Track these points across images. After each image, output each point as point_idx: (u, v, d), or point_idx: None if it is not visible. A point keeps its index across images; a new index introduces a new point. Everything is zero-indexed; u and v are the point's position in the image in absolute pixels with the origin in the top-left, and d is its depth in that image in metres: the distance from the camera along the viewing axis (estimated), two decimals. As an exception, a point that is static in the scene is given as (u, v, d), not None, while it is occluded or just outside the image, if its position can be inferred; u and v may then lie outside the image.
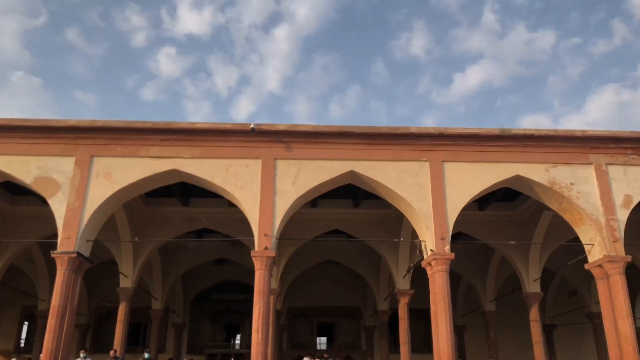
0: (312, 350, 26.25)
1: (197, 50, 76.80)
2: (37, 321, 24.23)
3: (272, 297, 17.49)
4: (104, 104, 76.69)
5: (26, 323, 29.41)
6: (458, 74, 77.09)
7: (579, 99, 75.94)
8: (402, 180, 14.14)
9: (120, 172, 13.97)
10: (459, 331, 27.13)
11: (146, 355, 16.32)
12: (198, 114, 76.48)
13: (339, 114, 78.42)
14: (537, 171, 14.43)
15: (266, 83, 79.57)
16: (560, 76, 74.45)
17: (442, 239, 13.47)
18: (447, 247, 13.45)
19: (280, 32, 75.01)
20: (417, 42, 74.90)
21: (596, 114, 71.96)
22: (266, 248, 13.34)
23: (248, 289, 27.62)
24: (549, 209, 16.25)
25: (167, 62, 76.11)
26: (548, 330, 27.33)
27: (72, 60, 73.46)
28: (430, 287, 13.70)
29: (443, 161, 14.33)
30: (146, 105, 76.54)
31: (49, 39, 71.17)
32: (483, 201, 19.06)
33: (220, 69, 78.29)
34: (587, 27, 71.28)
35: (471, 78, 76.07)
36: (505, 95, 77.56)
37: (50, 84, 75.55)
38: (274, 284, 19.17)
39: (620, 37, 69.58)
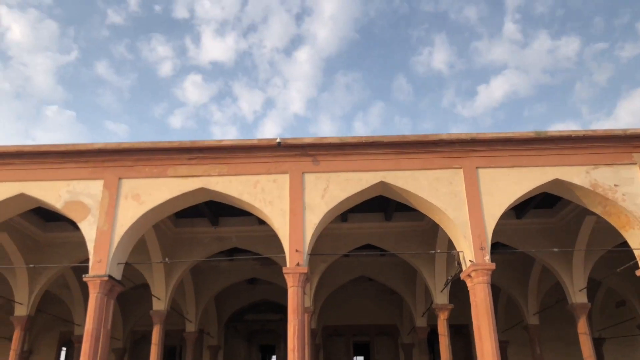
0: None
1: (222, 77, 77.97)
2: (74, 346, 24.33)
3: (306, 315, 17.07)
4: (134, 133, 78.31)
5: (64, 349, 29.64)
6: (482, 86, 76.05)
7: (608, 105, 73.75)
8: (435, 189, 13.65)
9: (148, 193, 13.89)
10: (501, 347, 25.92)
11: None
12: (225, 139, 77.28)
13: (364, 132, 78.09)
14: (577, 174, 13.72)
15: (290, 105, 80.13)
16: (587, 82, 72.55)
17: (482, 248, 12.85)
18: (487, 257, 12.82)
19: (302, 55, 75.67)
20: (438, 57, 74.30)
21: (628, 118, 69.55)
22: (298, 264, 12.98)
23: (282, 309, 27.35)
24: (592, 213, 15.48)
25: (193, 90, 77.49)
26: (597, 344, 25.94)
27: (103, 92, 75.52)
28: (471, 301, 13.05)
29: (477, 167, 13.76)
30: (175, 133, 77.76)
31: (80, 74, 73.46)
32: (520, 209, 18.33)
33: (245, 93, 79.23)
34: (612, 32, 69.37)
35: (496, 89, 74.92)
36: (531, 105, 75.99)
37: (83, 117, 77.77)
38: (308, 302, 18.72)
39: (648, 39, 67.49)
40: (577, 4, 66.04)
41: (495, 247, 18.86)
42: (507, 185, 13.62)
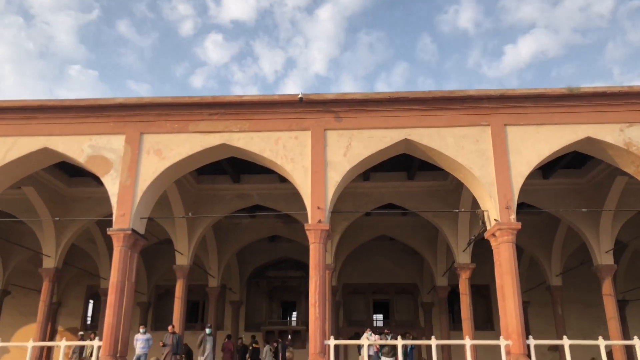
0: (369, 326, 25.87)
1: (243, 36, 77.18)
2: (101, 299, 25.04)
3: (327, 272, 17.14)
4: (156, 93, 78.47)
5: (91, 301, 30.60)
6: (509, 46, 73.70)
7: (642, 65, 71.04)
8: (461, 146, 13.28)
9: (170, 149, 13.85)
10: (522, 307, 25.93)
11: (207, 330, 16.50)
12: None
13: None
14: (610, 132, 13.19)
15: (312, 65, 79.11)
16: (620, 42, 69.82)
17: (507, 207, 12.58)
18: (513, 217, 12.56)
19: (324, 13, 74.08)
20: (465, 15, 71.98)
21: (663, 78, 67.03)
22: (319, 221, 12.91)
23: (303, 266, 27.59)
24: (623, 173, 15.01)
25: (214, 49, 76.98)
26: (620, 307, 25.64)
27: (125, 52, 75.55)
28: (495, 260, 12.88)
29: (505, 125, 13.33)
30: (196, 92, 77.87)
31: (102, 33, 73.50)
32: (547, 169, 17.86)
33: (266, 53, 78.39)
34: (649, -12, 66.14)
35: (523, 49, 72.63)
36: (560, 65, 73.62)
37: (105, 76, 78.16)
38: (329, 260, 18.80)
39: (688, -6, 64.10)
40: (613, -43, 62.94)
41: (520, 207, 18.47)
42: (536, 143, 13.19)
